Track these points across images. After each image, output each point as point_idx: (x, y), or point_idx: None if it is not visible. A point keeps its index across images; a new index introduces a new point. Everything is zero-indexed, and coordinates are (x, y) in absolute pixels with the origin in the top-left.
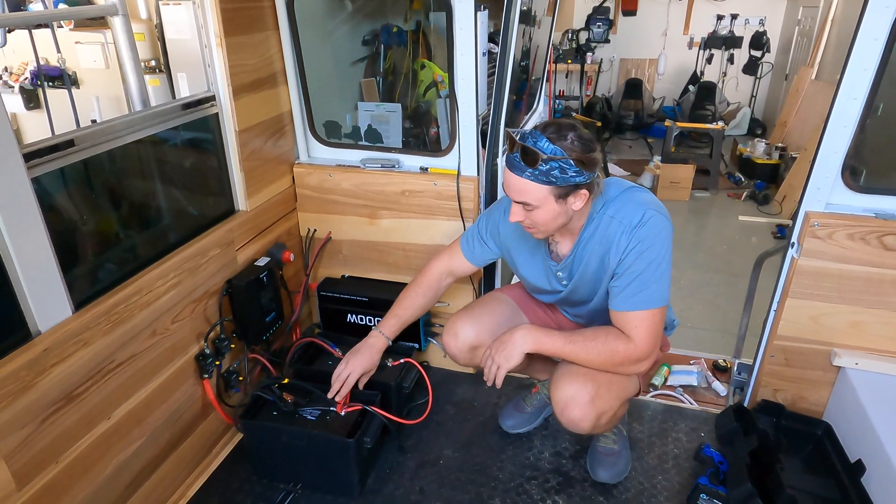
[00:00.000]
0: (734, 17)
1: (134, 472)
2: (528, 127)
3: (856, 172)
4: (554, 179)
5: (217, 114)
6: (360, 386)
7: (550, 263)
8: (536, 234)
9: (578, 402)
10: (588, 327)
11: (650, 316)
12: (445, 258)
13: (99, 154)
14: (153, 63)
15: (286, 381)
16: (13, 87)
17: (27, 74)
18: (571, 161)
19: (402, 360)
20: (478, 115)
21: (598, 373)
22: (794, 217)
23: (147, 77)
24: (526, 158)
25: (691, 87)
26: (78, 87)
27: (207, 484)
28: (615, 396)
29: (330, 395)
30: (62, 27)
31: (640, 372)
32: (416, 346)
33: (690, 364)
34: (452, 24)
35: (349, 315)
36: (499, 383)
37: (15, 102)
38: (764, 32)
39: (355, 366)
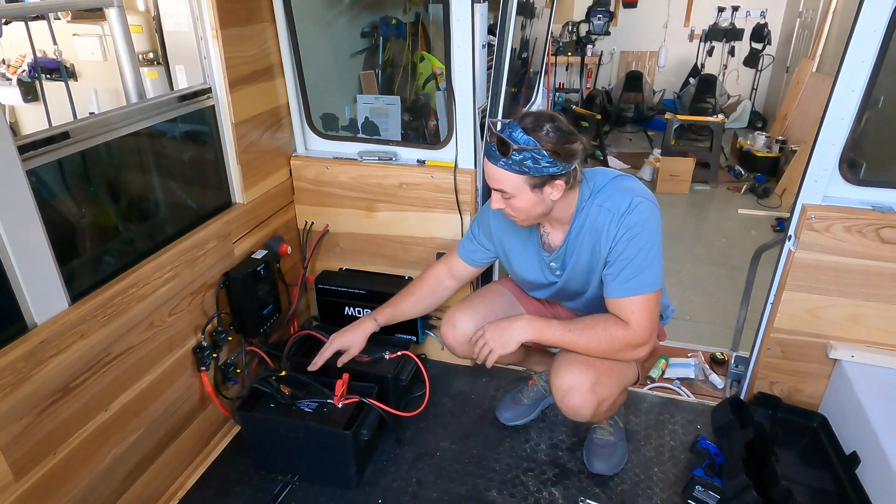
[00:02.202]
0: (735, 9)
1: (132, 464)
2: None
3: (853, 165)
4: (527, 169)
5: (213, 106)
6: (339, 363)
7: (543, 254)
8: (519, 221)
9: (579, 390)
10: (586, 316)
11: (645, 300)
12: (444, 260)
13: (95, 146)
14: (151, 55)
15: (283, 373)
16: (11, 79)
17: (25, 67)
18: (545, 152)
19: (399, 353)
20: (475, 108)
21: (598, 360)
22: (791, 210)
23: (145, 69)
24: (500, 148)
25: (692, 80)
26: (76, 80)
27: (205, 475)
28: (615, 384)
29: (310, 368)
30: (59, 19)
31: (640, 357)
32: (414, 338)
33: (688, 357)
34: (450, 16)
35: (347, 308)
36: (489, 365)
37: (13, 95)
38: (765, 25)
39: (335, 339)
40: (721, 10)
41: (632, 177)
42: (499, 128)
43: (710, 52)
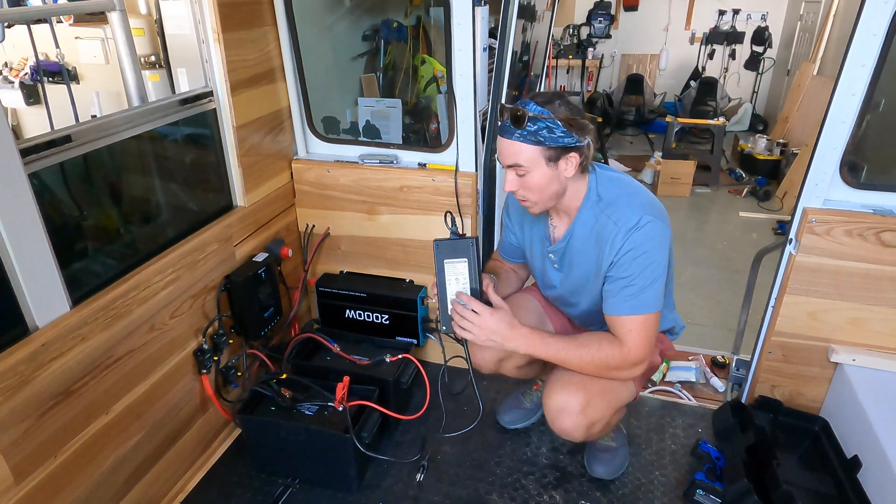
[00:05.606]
0: (736, 12)
1: (133, 467)
2: None
3: (854, 168)
4: (543, 139)
5: (215, 109)
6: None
7: (547, 245)
8: (532, 206)
9: (569, 412)
10: (584, 333)
11: (644, 321)
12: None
13: (96, 149)
14: (153, 58)
15: (284, 376)
16: (13, 82)
17: (27, 70)
18: (559, 121)
19: (400, 356)
20: (476, 111)
21: (590, 381)
22: (792, 213)
23: (147, 73)
24: (514, 120)
25: (693, 83)
26: (78, 83)
27: (206, 478)
28: (607, 405)
29: None
30: (62, 22)
31: (635, 377)
32: (415, 341)
33: (689, 360)
34: (451, 20)
35: (347, 311)
36: (457, 336)
37: (15, 98)
38: (766, 28)
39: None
40: (722, 13)
41: (645, 190)
42: (512, 103)
43: (710, 55)
